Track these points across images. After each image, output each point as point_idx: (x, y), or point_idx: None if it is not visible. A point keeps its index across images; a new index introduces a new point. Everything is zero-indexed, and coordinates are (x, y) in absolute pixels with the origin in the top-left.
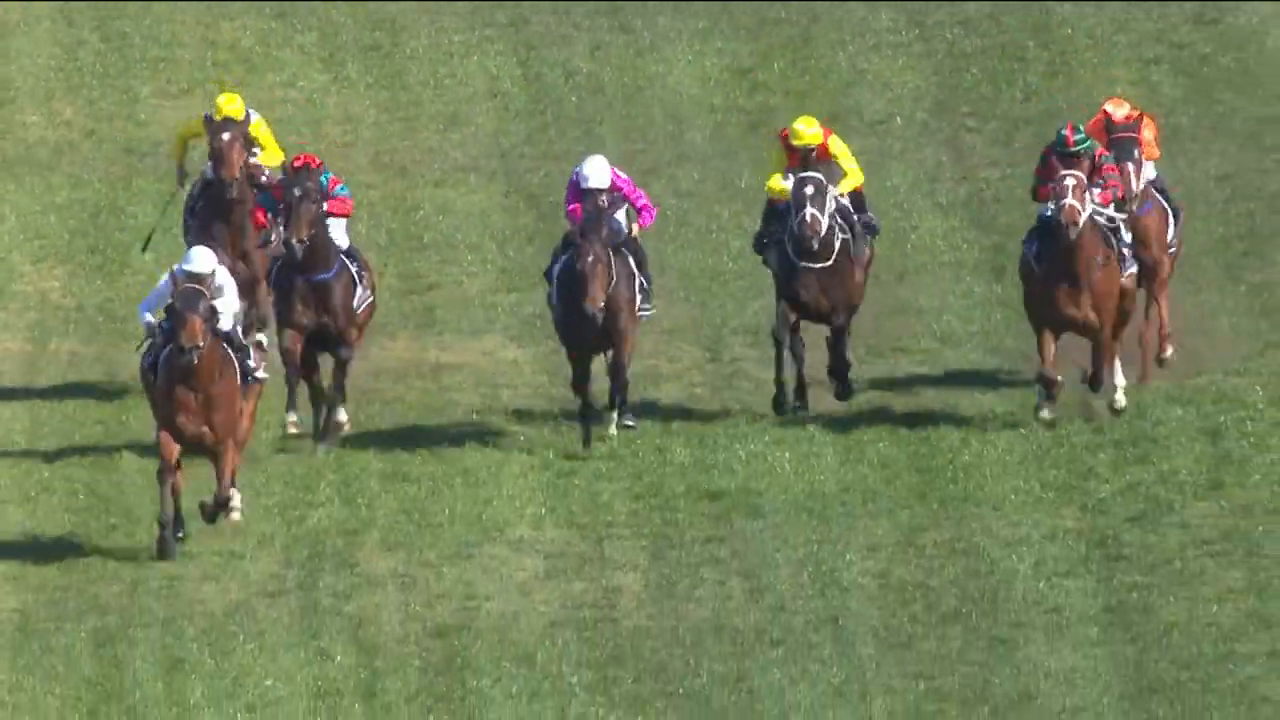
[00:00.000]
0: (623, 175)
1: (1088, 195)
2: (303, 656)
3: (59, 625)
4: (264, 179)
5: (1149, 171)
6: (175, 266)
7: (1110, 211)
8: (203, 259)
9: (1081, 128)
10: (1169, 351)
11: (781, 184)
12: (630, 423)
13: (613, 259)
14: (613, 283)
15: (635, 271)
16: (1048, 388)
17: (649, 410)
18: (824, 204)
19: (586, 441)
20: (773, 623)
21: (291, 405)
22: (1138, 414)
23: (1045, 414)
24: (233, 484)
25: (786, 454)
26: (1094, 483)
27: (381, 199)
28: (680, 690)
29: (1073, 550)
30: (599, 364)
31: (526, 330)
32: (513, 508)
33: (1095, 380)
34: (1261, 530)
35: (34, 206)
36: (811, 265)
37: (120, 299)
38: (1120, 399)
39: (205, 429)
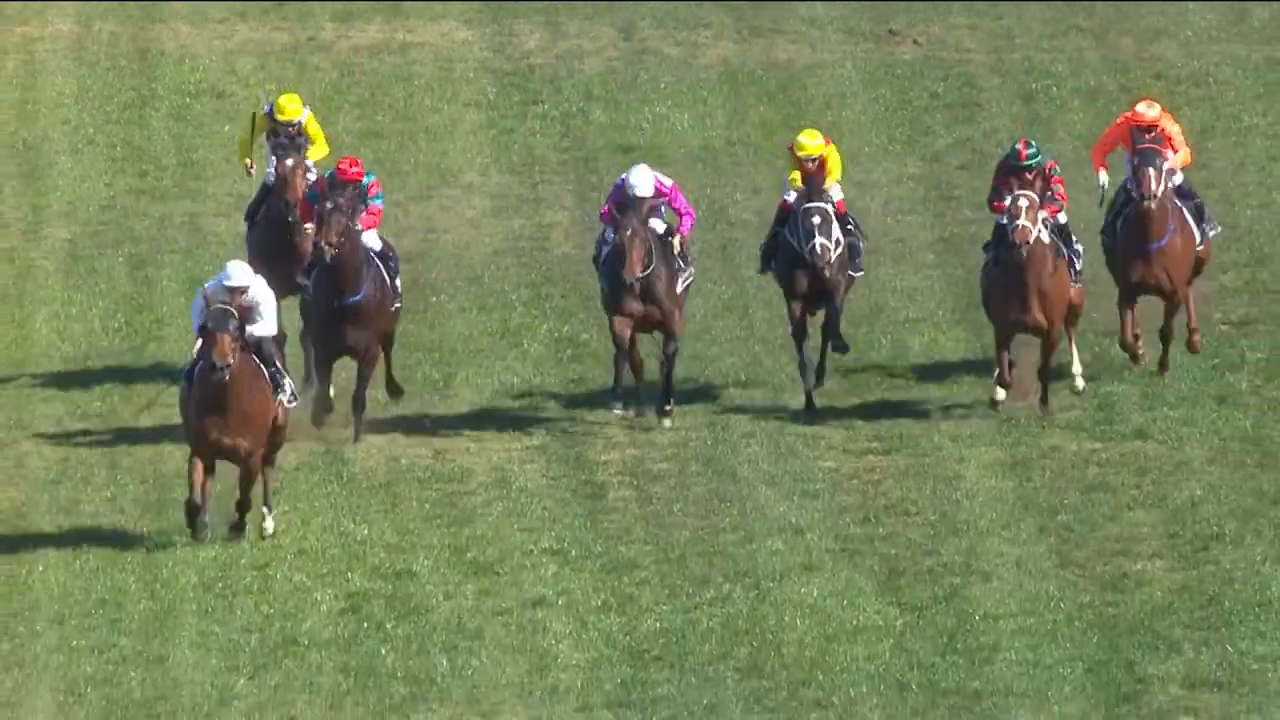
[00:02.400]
0: (666, 182)
1: (1039, 214)
2: None
3: (101, 251)
4: (311, 175)
5: (1175, 178)
6: (209, 282)
7: (1058, 220)
8: (239, 273)
9: (1034, 142)
10: (1197, 338)
11: (799, 178)
12: (669, 407)
13: (654, 244)
14: (652, 263)
15: (676, 256)
16: (1002, 380)
17: (574, 78)
18: (831, 232)
19: (615, 392)
20: None
21: (320, 425)
22: (965, 82)
23: (999, 396)
24: (266, 503)
25: (686, 115)
26: (930, 137)
27: None
28: (601, 305)
29: (914, 192)
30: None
31: (476, 16)
32: (465, 158)
33: (1043, 374)
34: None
35: None
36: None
37: None
38: (1079, 383)
39: (239, 441)
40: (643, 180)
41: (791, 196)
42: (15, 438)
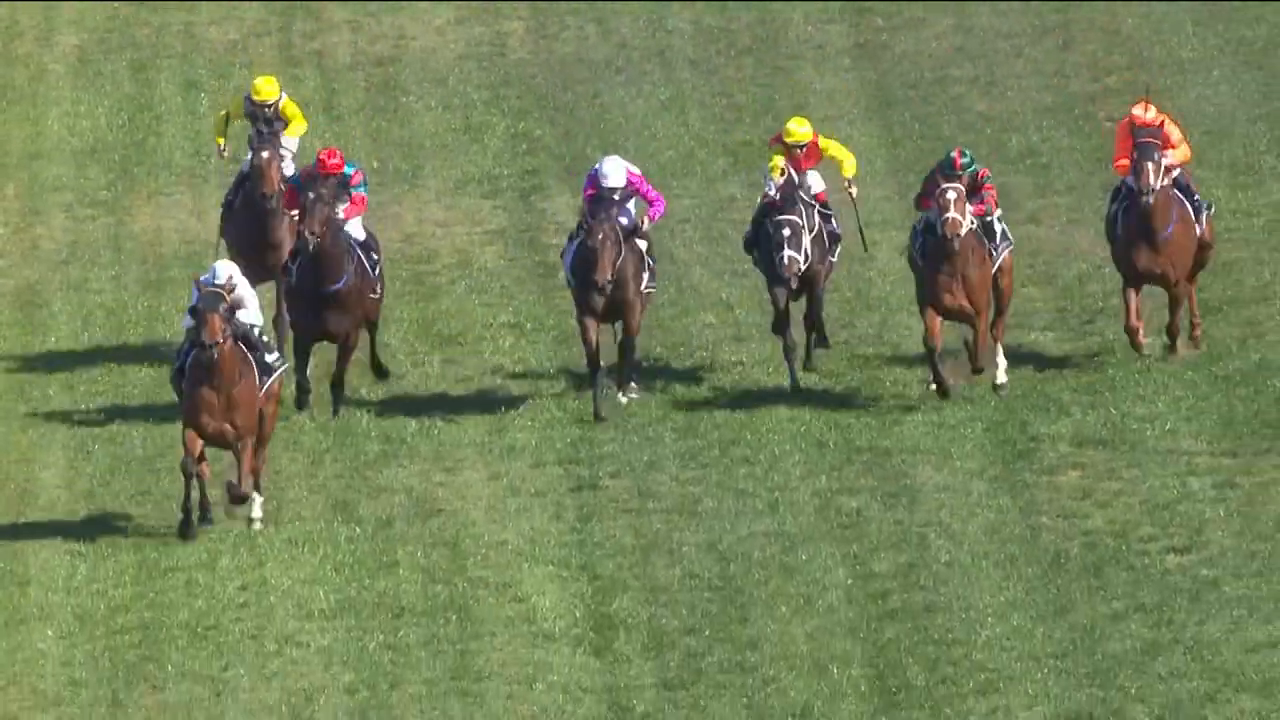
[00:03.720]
0: (635, 171)
1: (967, 208)
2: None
3: (106, 55)
4: (288, 167)
5: (1174, 173)
6: (201, 276)
7: (984, 219)
8: (225, 272)
9: (969, 152)
10: (1199, 331)
11: (780, 164)
12: (635, 394)
13: (622, 240)
14: (620, 258)
15: (644, 254)
16: (933, 365)
17: None
18: (800, 244)
19: (598, 414)
20: (617, 56)
21: (303, 406)
22: None
23: (933, 387)
24: (256, 487)
25: None
26: None
27: None
28: (552, 105)
29: (831, 6)
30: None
31: None
32: None
33: (974, 360)
34: None
35: None
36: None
37: None
38: (1001, 376)
39: (227, 426)
40: (614, 170)
41: (773, 189)
42: (30, 222)
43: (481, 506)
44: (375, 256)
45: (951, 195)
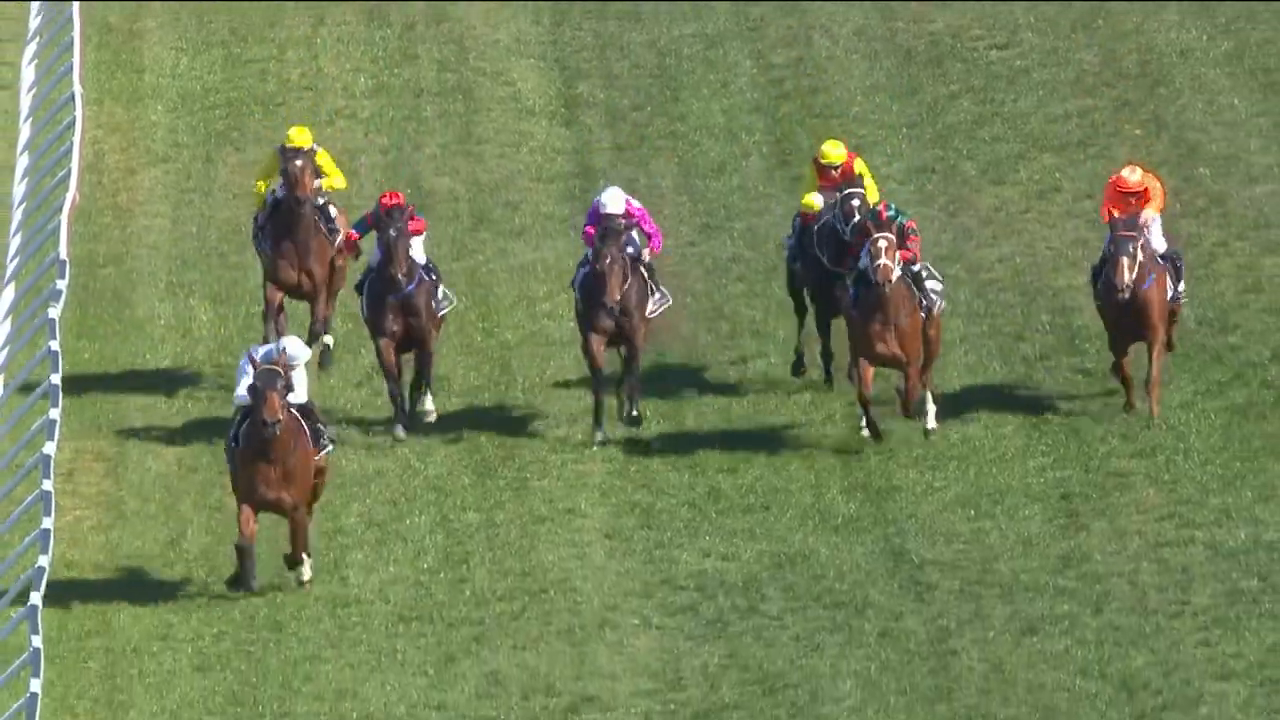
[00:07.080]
0: (635, 204)
1: (897, 254)
2: None
3: None
4: (325, 200)
5: (1155, 241)
6: (251, 348)
7: (911, 265)
8: (297, 348)
9: (893, 205)
10: (1157, 405)
11: (814, 200)
12: (635, 413)
13: (628, 266)
14: (628, 282)
15: (648, 279)
16: (866, 413)
17: None
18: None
19: (599, 424)
20: None
21: (400, 412)
22: None
23: (866, 433)
24: (306, 549)
25: None
26: None
27: None
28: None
29: None
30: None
31: None
32: None
33: (907, 407)
34: None
35: None
36: (843, 272)
37: None
38: (931, 423)
39: (283, 495)
40: (614, 199)
41: (818, 202)
42: None
43: (479, 12)
44: (434, 275)
45: (883, 244)
